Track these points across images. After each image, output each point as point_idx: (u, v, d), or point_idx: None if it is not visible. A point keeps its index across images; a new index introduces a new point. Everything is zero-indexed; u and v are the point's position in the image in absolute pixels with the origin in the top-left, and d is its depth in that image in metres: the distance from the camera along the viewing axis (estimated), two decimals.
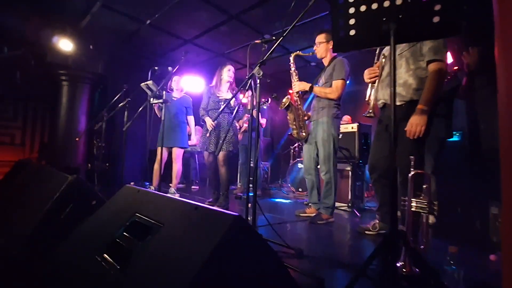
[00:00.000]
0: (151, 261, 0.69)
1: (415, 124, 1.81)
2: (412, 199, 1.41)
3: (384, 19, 1.20)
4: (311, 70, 5.55)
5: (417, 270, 1.32)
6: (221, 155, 3.12)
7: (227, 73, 3.24)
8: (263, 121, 4.88)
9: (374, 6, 1.21)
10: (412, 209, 1.40)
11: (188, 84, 5.70)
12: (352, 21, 1.27)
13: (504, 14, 0.79)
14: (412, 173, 1.44)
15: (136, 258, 0.71)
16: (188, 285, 0.56)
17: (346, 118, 5.29)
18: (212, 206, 3.11)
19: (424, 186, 1.40)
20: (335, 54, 2.82)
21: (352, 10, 1.25)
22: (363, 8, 1.23)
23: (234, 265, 0.63)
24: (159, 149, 3.62)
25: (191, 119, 3.91)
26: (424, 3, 1.15)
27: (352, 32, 1.29)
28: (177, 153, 3.77)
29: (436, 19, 1.15)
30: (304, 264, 1.54)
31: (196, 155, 5.41)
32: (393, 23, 1.18)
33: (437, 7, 1.13)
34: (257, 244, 0.68)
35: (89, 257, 0.81)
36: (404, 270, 1.35)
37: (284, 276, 0.76)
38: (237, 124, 4.61)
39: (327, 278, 1.33)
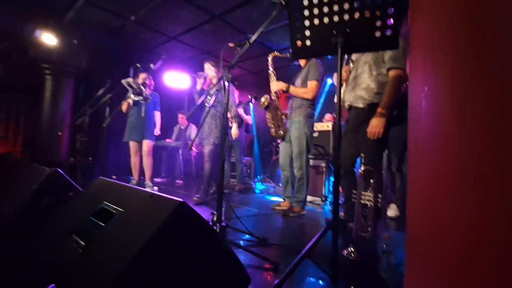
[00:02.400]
0: (110, 240, 0.82)
1: (374, 126, 1.97)
2: (361, 192, 1.57)
3: (334, 32, 1.35)
4: (294, 69, 5.70)
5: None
6: (206, 150, 3.30)
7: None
8: (249, 118, 5.02)
9: (326, 20, 1.35)
10: (361, 201, 1.57)
11: (173, 80, 5.80)
12: (307, 33, 1.42)
13: (414, 35, 0.94)
14: (362, 169, 1.60)
15: (99, 238, 0.84)
16: (128, 262, 0.70)
17: (329, 116, 5.46)
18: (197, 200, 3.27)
19: (371, 180, 1.57)
20: None
21: (307, 23, 1.39)
22: (316, 21, 1.37)
23: (174, 245, 0.76)
24: (132, 143, 3.78)
25: (158, 114, 4.04)
26: (368, 19, 1.30)
27: (308, 43, 1.43)
28: (149, 147, 3.91)
29: (378, 33, 1.30)
30: (266, 251, 1.70)
31: (180, 150, 5.51)
32: (341, 37, 1.33)
33: (379, 23, 1.29)
34: (199, 228, 0.82)
35: (61, 238, 0.93)
36: (352, 255, 1.53)
37: (227, 255, 0.90)
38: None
39: (283, 263, 1.49)
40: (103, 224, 0.88)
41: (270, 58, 2.94)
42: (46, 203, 1.40)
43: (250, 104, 5.24)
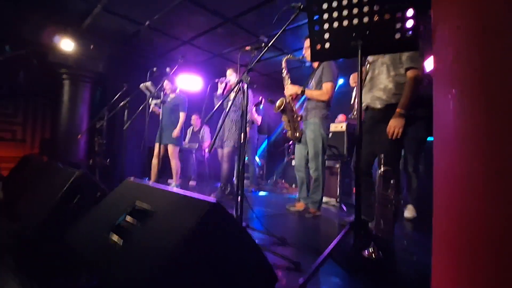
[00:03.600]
0: (147, 238, 0.86)
1: (393, 126, 1.97)
2: (380, 193, 1.58)
3: (354, 34, 1.37)
4: (306, 71, 5.71)
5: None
6: (225, 151, 3.45)
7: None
8: (258, 118, 5.05)
9: (345, 23, 1.37)
10: (380, 201, 1.58)
11: (186, 83, 5.89)
12: (327, 36, 1.44)
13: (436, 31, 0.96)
14: (382, 169, 1.61)
15: (136, 236, 0.89)
16: (167, 258, 0.74)
17: (342, 117, 5.44)
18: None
19: (391, 181, 1.58)
20: None
21: (326, 26, 1.42)
22: (335, 24, 1.39)
23: (209, 243, 0.80)
24: (156, 145, 3.83)
25: (182, 115, 3.99)
26: (387, 21, 1.31)
27: (327, 45, 1.46)
28: (172, 150, 3.96)
29: (397, 35, 1.32)
30: (286, 250, 1.72)
31: (194, 152, 5.58)
32: (360, 39, 1.35)
33: (398, 26, 1.30)
34: (232, 228, 0.85)
35: (98, 235, 0.98)
36: (372, 255, 1.54)
37: (257, 255, 0.93)
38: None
39: (304, 262, 1.51)
40: (138, 223, 0.92)
41: (284, 62, 2.96)
42: (78, 202, 1.46)
43: (260, 105, 5.26)
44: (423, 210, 2.95)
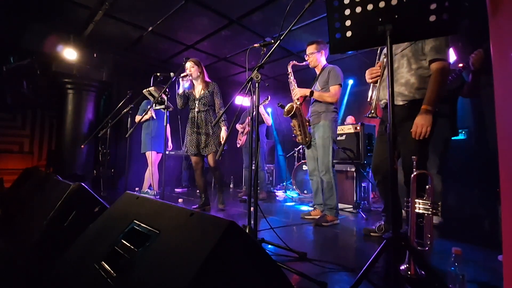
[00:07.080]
0: (148, 268, 0.69)
1: (420, 125, 1.76)
2: (415, 200, 1.39)
3: (380, 19, 1.20)
4: (312, 72, 5.55)
5: (423, 272, 1.30)
6: (210, 158, 3.06)
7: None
8: (268, 118, 4.83)
9: (370, 7, 1.20)
10: (416, 210, 1.38)
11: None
12: (348, 23, 1.27)
13: (496, 16, 0.78)
14: (415, 173, 1.41)
15: (133, 266, 0.72)
16: None
17: (350, 119, 5.26)
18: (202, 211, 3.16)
19: (427, 186, 1.38)
20: (326, 63, 2.94)
21: (347, 12, 1.25)
22: (358, 9, 1.23)
23: (228, 270, 0.62)
24: (152, 153, 3.69)
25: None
26: (420, 2, 1.14)
27: (349, 34, 1.28)
28: (159, 157, 3.90)
29: (432, 18, 1.14)
30: (307, 268, 1.53)
31: (204, 159, 5.43)
32: (389, 24, 1.17)
33: (433, 6, 1.12)
34: (251, 249, 0.68)
35: (88, 265, 0.82)
36: (409, 273, 1.34)
37: (281, 281, 0.75)
38: (238, 127, 4.62)
39: (331, 282, 1.32)
40: (136, 249, 0.75)
41: (289, 67, 2.85)
42: (73, 219, 1.30)
43: (266, 102, 5.05)
44: (449, 215, 2.72)
